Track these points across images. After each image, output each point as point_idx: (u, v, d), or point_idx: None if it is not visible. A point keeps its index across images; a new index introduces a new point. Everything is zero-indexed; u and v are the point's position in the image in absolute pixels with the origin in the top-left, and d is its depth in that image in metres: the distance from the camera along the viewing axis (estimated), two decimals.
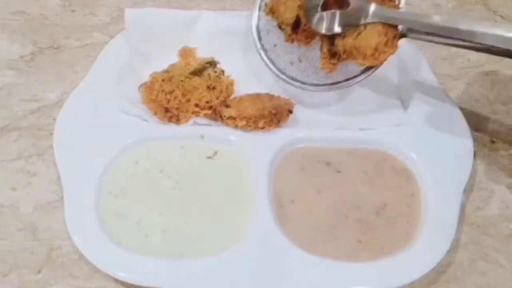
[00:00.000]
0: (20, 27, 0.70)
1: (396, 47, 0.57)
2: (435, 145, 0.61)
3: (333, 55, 0.60)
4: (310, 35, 0.61)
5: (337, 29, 0.58)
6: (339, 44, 0.59)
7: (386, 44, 0.57)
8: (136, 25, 0.66)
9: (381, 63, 0.58)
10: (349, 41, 0.58)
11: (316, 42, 0.61)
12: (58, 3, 0.72)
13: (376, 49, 0.57)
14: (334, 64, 0.60)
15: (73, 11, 0.72)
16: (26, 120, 0.63)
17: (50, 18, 0.71)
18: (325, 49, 0.61)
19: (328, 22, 0.59)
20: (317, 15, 0.59)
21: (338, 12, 0.58)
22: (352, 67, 0.60)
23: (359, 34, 0.57)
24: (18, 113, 0.63)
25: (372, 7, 0.56)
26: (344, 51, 0.58)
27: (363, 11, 0.57)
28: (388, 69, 0.65)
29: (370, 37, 0.57)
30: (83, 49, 0.68)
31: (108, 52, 0.66)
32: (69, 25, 0.70)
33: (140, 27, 0.66)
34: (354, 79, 0.60)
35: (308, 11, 0.59)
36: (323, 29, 0.59)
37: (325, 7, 0.59)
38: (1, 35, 0.69)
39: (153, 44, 0.66)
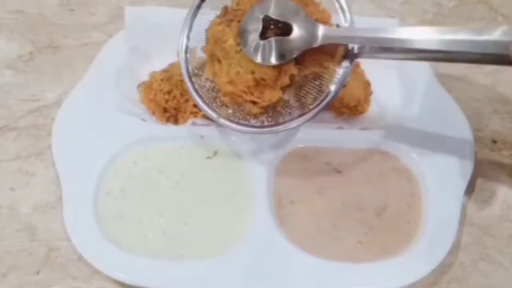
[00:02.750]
0: (18, 27, 0.69)
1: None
2: (436, 145, 0.60)
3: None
4: None
5: (274, 59, 0.52)
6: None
7: (364, 99, 0.62)
8: (136, 23, 0.65)
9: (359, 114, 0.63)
10: None
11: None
12: (56, 2, 0.72)
13: (358, 102, 0.61)
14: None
15: (71, 10, 0.71)
16: (24, 120, 0.62)
17: (49, 17, 0.70)
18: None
19: (265, 51, 0.52)
20: (254, 44, 0.52)
21: (275, 40, 0.51)
22: None
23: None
24: (16, 113, 0.63)
25: (321, 30, 0.51)
26: None
27: (310, 35, 0.51)
28: (388, 69, 0.65)
29: (355, 90, 0.61)
30: (82, 49, 0.68)
31: (106, 51, 0.65)
32: (67, 24, 0.70)
33: (140, 26, 0.65)
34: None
35: (243, 38, 0.52)
36: (258, 59, 0.52)
37: (264, 35, 0.52)
38: None
39: (153, 43, 0.65)
